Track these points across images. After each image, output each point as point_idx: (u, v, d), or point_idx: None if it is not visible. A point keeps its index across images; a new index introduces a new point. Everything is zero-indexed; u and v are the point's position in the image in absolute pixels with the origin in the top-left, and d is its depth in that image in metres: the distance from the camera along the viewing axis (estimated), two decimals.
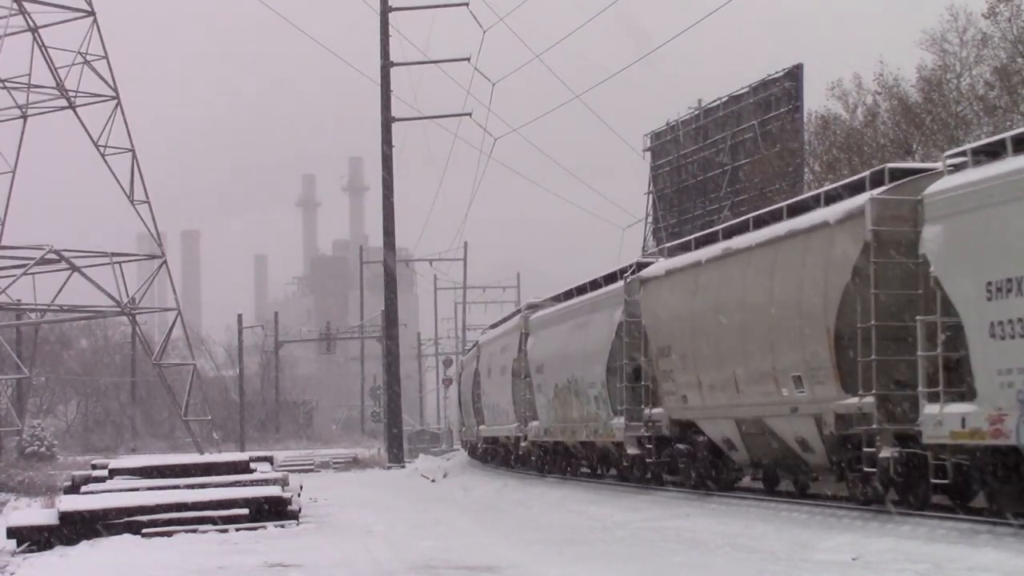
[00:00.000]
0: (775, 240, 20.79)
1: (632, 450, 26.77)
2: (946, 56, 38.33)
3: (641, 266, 27.18)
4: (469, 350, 53.06)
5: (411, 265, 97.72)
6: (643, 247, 52.99)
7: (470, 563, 16.07)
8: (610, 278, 29.43)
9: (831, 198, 19.98)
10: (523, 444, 36.25)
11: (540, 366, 33.71)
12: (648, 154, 55.48)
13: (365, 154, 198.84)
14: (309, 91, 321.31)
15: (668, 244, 26.75)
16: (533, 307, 36.35)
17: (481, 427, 43.75)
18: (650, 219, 54.68)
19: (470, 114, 53.17)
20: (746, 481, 24.52)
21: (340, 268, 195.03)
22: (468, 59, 51.74)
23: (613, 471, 30.64)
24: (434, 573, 15.36)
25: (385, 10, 52.15)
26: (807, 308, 19.47)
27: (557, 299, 34.51)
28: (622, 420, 26.91)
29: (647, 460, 26.14)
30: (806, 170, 42.87)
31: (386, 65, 52.01)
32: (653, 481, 26.71)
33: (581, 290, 32.06)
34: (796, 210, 21.01)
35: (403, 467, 50.75)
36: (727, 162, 48.31)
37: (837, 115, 41.86)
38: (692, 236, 26.08)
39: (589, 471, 32.43)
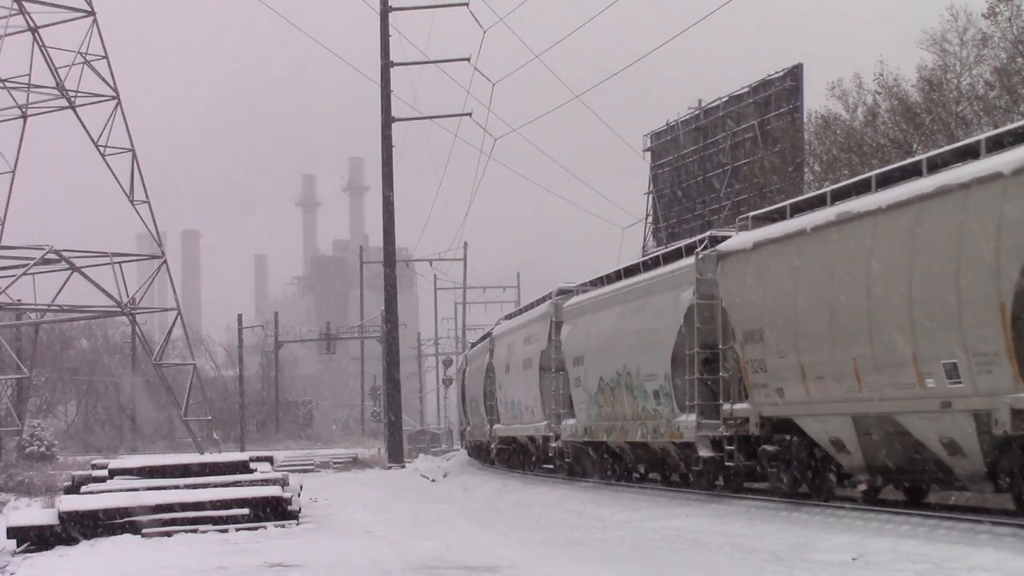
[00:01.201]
0: (919, 199, 17.08)
1: (705, 452, 23.32)
2: (946, 56, 38.32)
3: (715, 240, 23.59)
4: (476, 344, 49.66)
5: (411, 265, 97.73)
6: (643, 247, 53.02)
7: (470, 563, 16.07)
8: (672, 255, 26.14)
9: (996, 145, 16.45)
10: (553, 444, 32.91)
11: (579, 358, 30.16)
12: (648, 154, 55.48)
13: (365, 154, 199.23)
14: (309, 91, 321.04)
15: (752, 213, 22.85)
16: (565, 293, 32.78)
17: (496, 426, 40.19)
18: (650, 219, 54.69)
19: (470, 114, 53.25)
20: (860, 489, 20.59)
21: (340, 268, 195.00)
22: (468, 59, 51.84)
23: (674, 476, 26.87)
24: (434, 573, 15.36)
25: (385, 10, 52.16)
26: (970, 280, 15.89)
27: (597, 283, 30.94)
28: (692, 417, 23.49)
29: (727, 463, 22.73)
30: (806, 170, 42.87)
31: (386, 65, 52.01)
32: (727, 488, 23.67)
33: (631, 271, 28.50)
34: (938, 164, 17.44)
35: (403, 467, 50.74)
36: (727, 162, 48.30)
37: (837, 115, 41.86)
38: (787, 202, 22.07)
39: (639, 475, 28.79)
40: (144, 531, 21.31)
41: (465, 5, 51.45)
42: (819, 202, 20.22)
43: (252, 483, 24.21)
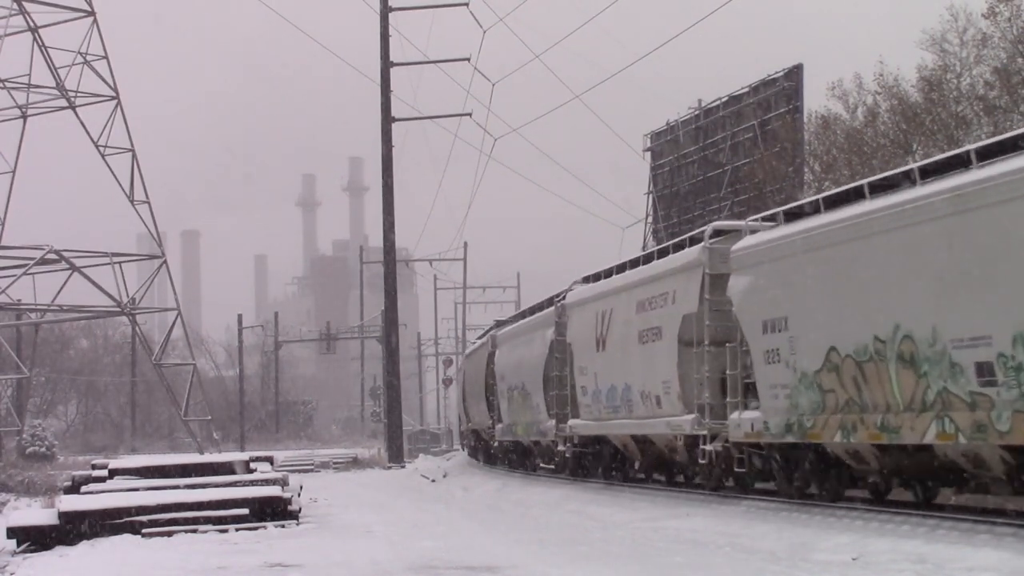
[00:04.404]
0: None
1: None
2: (946, 56, 38.32)
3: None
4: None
5: (411, 265, 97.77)
6: (643, 247, 53.02)
7: (470, 563, 16.07)
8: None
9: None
10: (709, 447, 22.55)
11: (775, 321, 20.35)
12: (648, 154, 55.49)
13: (365, 154, 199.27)
14: (309, 91, 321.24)
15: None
16: (722, 233, 22.98)
17: (572, 422, 30.74)
18: (650, 219, 54.69)
19: (470, 114, 53.29)
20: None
21: (340, 268, 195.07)
22: (468, 59, 51.89)
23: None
24: (434, 573, 15.36)
25: (385, 10, 52.17)
26: None
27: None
28: None
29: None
30: (806, 170, 42.87)
31: (386, 65, 52.01)
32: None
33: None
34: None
35: (403, 467, 50.72)
36: (727, 162, 48.30)
37: (837, 115, 41.86)
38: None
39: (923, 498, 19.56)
40: (144, 531, 21.31)
41: (465, 5, 51.51)
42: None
43: (252, 483, 24.21)
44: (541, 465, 35.93)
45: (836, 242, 18.86)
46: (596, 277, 29.75)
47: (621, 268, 27.92)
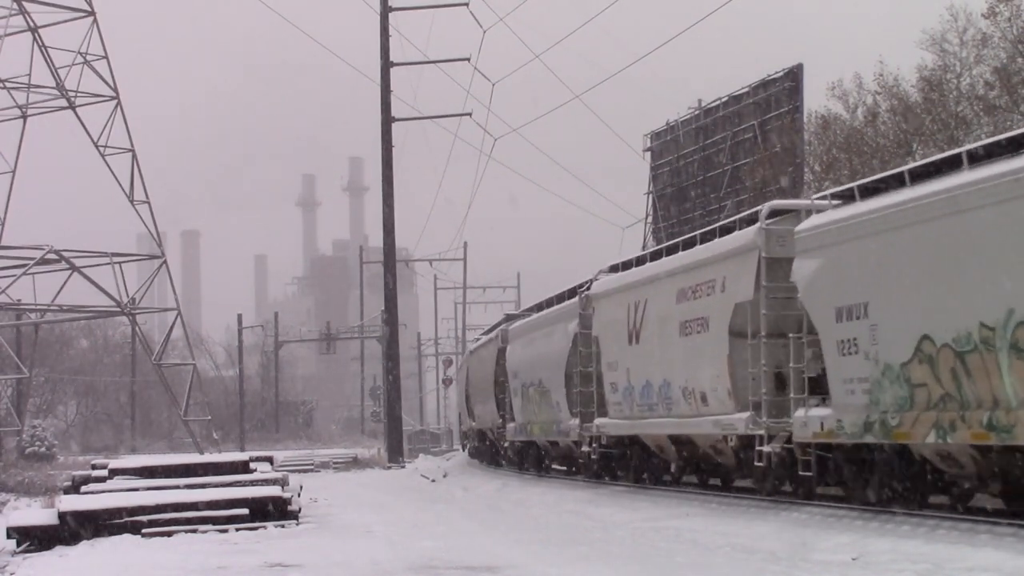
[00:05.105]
0: None
1: None
2: (946, 56, 38.36)
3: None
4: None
5: (411, 265, 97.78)
6: (643, 247, 53.02)
7: (470, 563, 16.06)
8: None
9: None
10: (767, 449, 20.60)
11: (851, 308, 18.44)
12: (648, 154, 55.51)
13: (365, 154, 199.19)
14: (309, 91, 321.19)
15: None
16: (779, 213, 21.07)
17: (600, 421, 28.82)
18: (650, 219, 54.70)
19: (470, 114, 53.31)
20: None
21: (340, 268, 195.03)
22: (468, 59, 51.91)
23: None
24: (434, 573, 15.35)
25: (385, 10, 52.20)
26: None
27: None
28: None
29: None
30: (806, 170, 42.89)
31: (386, 65, 52.03)
32: None
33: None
34: None
35: (403, 467, 50.72)
36: (727, 162, 48.32)
37: (837, 115, 41.89)
38: None
39: None
40: (144, 531, 21.30)
41: (465, 5, 51.53)
42: None
43: (252, 483, 24.20)
44: (554, 467, 34.30)
45: (932, 217, 16.65)
46: (626, 265, 27.66)
47: (656, 255, 26.04)
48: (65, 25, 55.45)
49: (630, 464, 27.79)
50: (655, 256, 26.05)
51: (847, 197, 18.93)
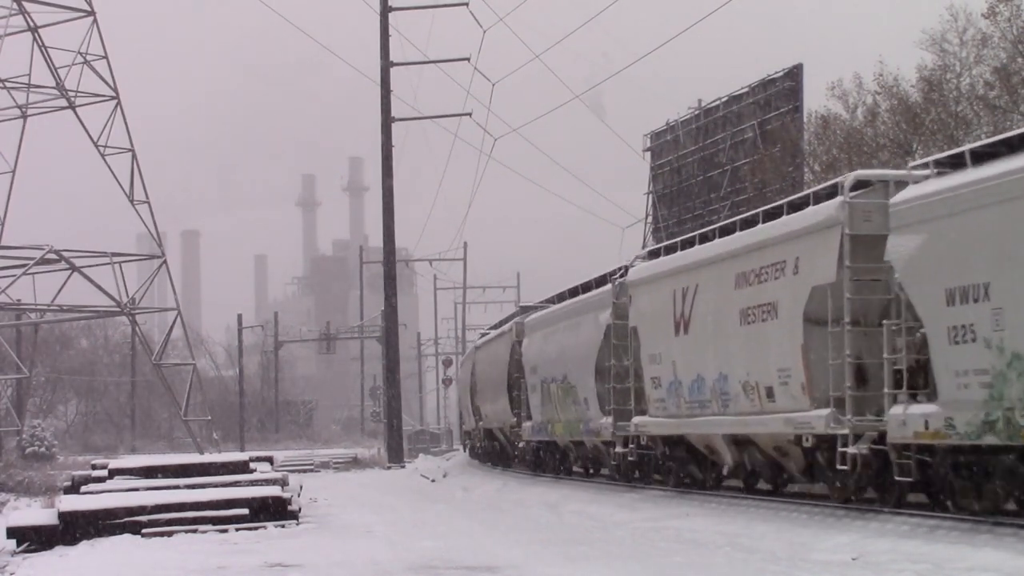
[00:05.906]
0: None
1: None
2: (946, 56, 38.32)
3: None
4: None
5: (411, 265, 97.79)
6: (643, 247, 53.01)
7: (470, 563, 16.06)
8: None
9: None
10: (851, 450, 18.12)
11: (966, 290, 16.32)
12: (648, 154, 55.48)
13: (365, 154, 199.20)
14: (309, 91, 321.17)
15: None
16: (864, 185, 18.67)
17: (640, 419, 26.01)
18: (650, 219, 54.68)
19: (470, 114, 53.32)
20: None
21: (340, 268, 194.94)
22: (468, 59, 51.92)
23: None
24: (434, 573, 15.36)
25: (385, 10, 52.20)
26: None
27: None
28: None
29: None
30: (806, 170, 42.87)
31: (386, 65, 52.04)
32: None
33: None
34: None
35: (403, 467, 50.72)
36: (727, 162, 48.31)
37: (837, 115, 41.86)
38: None
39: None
40: (144, 531, 21.31)
41: (465, 5, 51.53)
42: None
43: (252, 483, 24.21)
44: (575, 470, 32.44)
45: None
46: (669, 249, 25.18)
47: (705, 237, 23.39)
48: (65, 25, 55.43)
49: (670, 467, 25.54)
50: (704, 239, 23.40)
51: (954, 164, 16.42)
